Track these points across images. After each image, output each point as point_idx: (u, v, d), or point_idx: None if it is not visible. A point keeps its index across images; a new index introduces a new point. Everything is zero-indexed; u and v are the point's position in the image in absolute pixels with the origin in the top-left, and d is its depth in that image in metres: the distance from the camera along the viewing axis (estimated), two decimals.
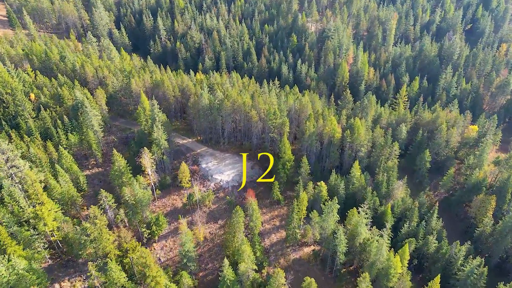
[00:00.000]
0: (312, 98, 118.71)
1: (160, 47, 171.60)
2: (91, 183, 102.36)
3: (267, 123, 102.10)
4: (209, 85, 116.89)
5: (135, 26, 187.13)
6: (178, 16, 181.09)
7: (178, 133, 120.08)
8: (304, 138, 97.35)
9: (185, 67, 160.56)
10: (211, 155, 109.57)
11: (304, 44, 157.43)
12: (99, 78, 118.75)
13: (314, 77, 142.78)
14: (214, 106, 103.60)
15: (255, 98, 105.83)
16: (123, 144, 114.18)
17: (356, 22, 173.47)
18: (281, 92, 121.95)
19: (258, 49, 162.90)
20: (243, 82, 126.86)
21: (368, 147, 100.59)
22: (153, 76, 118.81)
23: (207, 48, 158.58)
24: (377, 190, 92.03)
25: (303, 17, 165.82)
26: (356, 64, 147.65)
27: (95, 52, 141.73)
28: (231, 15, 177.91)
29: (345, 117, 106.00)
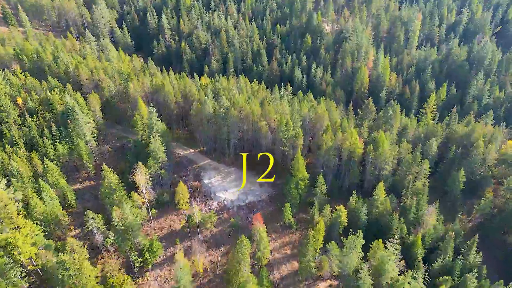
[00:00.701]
0: (328, 106, 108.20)
1: (164, 47, 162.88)
2: (81, 198, 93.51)
3: (278, 134, 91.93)
4: (214, 91, 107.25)
5: (139, 24, 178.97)
6: (184, 14, 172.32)
7: (180, 142, 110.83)
8: (320, 153, 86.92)
9: (190, 70, 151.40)
10: (214, 169, 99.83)
11: (319, 46, 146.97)
12: (95, 81, 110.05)
13: (330, 82, 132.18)
14: (219, 114, 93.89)
15: (265, 106, 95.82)
16: (119, 154, 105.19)
17: (375, 23, 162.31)
18: (294, 99, 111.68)
19: (269, 50, 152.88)
20: (252, 87, 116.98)
21: (393, 164, 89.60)
22: (153, 79, 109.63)
23: (214, 49, 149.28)
24: (404, 216, 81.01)
25: (319, 16, 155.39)
26: (377, 69, 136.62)
27: (94, 52, 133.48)
28: (241, 14, 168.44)
29: (367, 129, 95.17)
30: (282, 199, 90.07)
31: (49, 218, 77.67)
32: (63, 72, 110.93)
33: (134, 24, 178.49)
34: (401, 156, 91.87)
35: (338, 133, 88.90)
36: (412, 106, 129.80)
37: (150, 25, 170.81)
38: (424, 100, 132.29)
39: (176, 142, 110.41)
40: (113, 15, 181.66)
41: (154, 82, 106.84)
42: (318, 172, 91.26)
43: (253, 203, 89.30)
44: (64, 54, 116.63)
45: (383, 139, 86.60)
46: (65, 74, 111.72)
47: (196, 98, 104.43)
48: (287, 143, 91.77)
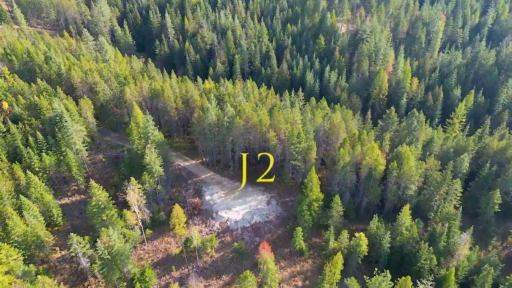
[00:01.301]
0: (345, 115, 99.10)
1: (167, 47, 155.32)
2: (69, 215, 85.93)
3: (288, 147, 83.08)
4: (219, 97, 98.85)
5: (141, 23, 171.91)
6: (189, 13, 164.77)
7: (180, 152, 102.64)
8: (336, 169, 77.86)
9: (194, 72, 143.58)
10: (217, 183, 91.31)
11: (333, 47, 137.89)
12: (89, 84, 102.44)
13: (345, 88, 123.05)
14: (223, 123, 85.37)
15: (274, 114, 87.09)
16: (114, 165, 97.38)
17: (394, 23, 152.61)
18: (306, 106, 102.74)
19: (279, 52, 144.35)
20: (260, 92, 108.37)
21: (419, 183, 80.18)
22: (152, 83, 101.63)
23: (220, 50, 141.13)
24: (433, 244, 71.52)
25: (333, 16, 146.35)
26: (396, 73, 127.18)
27: (91, 52, 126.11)
28: (249, 12, 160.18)
29: (389, 143, 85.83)
30: (292, 220, 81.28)
31: (30, 240, 69.91)
32: (55, 74, 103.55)
33: (136, 23, 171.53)
34: (428, 173, 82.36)
35: (357, 147, 79.80)
36: (435, 115, 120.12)
37: (153, 24, 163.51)
38: (448, 109, 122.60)
39: (176, 152, 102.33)
40: (115, 13, 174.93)
41: (153, 86, 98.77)
42: (333, 191, 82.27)
43: (259, 224, 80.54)
44: (56, 55, 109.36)
45: (408, 155, 77.27)
46: (57, 76, 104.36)
47: (198, 104, 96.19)
48: (298, 157, 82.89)
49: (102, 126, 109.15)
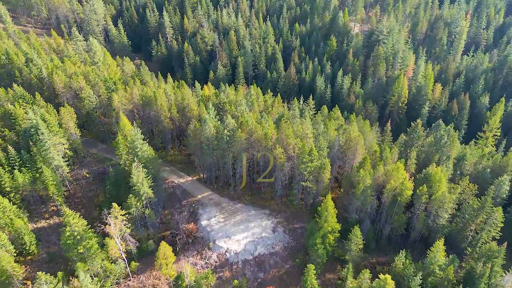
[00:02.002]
0: (361, 126, 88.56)
1: (164, 48, 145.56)
2: (45, 240, 76.46)
3: (298, 165, 72.68)
4: (219, 105, 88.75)
5: (138, 22, 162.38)
6: (189, 11, 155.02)
7: (175, 167, 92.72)
8: (355, 193, 67.36)
9: (193, 75, 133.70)
10: (216, 204, 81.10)
11: (346, 49, 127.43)
12: (73, 89, 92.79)
13: (360, 94, 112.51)
14: (222, 137, 75.17)
15: (281, 127, 76.82)
16: (99, 181, 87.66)
17: (412, 23, 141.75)
18: (317, 116, 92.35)
19: (286, 54, 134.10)
20: (265, 100, 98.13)
21: (452, 209, 69.46)
22: (144, 89, 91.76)
23: (221, 51, 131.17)
24: (470, 286, 60.67)
25: (345, 15, 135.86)
26: (416, 78, 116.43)
27: (79, 54, 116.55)
28: (253, 11, 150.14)
29: (415, 161, 75.13)
30: (302, 252, 70.83)
31: None
32: (35, 78, 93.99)
33: (132, 21, 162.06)
34: (462, 198, 71.59)
35: (379, 167, 69.28)
36: (460, 126, 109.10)
37: (150, 22, 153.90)
38: (475, 119, 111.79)
39: (170, 167, 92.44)
40: (110, 11, 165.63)
41: (145, 92, 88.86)
42: (350, 218, 71.73)
43: (263, 257, 70.15)
44: (39, 56, 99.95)
45: (440, 178, 66.65)
46: (38, 80, 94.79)
47: (195, 114, 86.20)
48: (309, 177, 72.44)
49: (89, 136, 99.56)
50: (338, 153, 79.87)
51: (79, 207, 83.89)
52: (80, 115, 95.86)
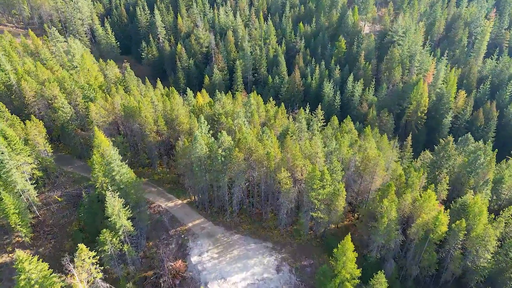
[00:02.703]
0: (378, 141, 77.57)
1: (155, 50, 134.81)
2: (7, 279, 65.39)
3: (308, 192, 61.45)
4: (213, 117, 77.62)
5: (128, 22, 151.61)
6: (183, 9, 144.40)
7: (162, 187, 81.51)
8: (377, 229, 56.06)
9: (187, 80, 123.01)
10: (209, 235, 69.82)
11: (356, 52, 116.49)
12: (46, 98, 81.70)
13: (373, 102, 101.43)
14: (216, 157, 63.94)
15: (286, 144, 65.69)
16: (74, 206, 76.39)
17: (429, 22, 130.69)
18: (326, 129, 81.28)
19: (290, 57, 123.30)
20: (266, 110, 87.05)
21: (495, 248, 58.15)
22: (128, 98, 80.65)
23: (218, 54, 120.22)
24: None
25: (355, 13, 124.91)
26: (436, 84, 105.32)
27: (59, 57, 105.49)
28: (253, 9, 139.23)
29: (447, 187, 63.85)
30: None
31: None
32: (3, 86, 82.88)
33: (121, 21, 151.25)
34: (504, 231, 60.36)
35: (405, 196, 58.02)
36: (487, 138, 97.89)
37: (140, 22, 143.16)
38: (502, 130, 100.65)
39: (156, 187, 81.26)
40: (98, 9, 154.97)
41: (128, 102, 77.71)
42: (370, 256, 60.42)
43: None
44: (9, 60, 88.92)
45: (481, 209, 55.44)
46: (5, 88, 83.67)
47: (185, 128, 75.00)
48: (321, 206, 61.19)
49: (64, 151, 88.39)
50: (354, 175, 68.60)
51: (49, 238, 72.72)
52: (55, 128, 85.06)
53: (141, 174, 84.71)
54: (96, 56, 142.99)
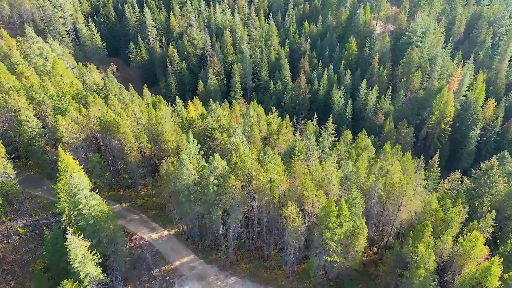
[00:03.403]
0: (402, 161, 66.38)
1: (145, 52, 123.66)
2: None
3: (321, 232, 50.02)
4: (206, 133, 66.31)
5: (116, 21, 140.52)
6: (176, 7, 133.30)
7: (146, 214, 70.48)
8: (409, 281, 44.70)
9: (179, 86, 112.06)
10: (199, 278, 58.52)
11: (368, 54, 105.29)
12: (10, 110, 70.39)
13: (390, 112, 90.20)
14: (208, 186, 52.61)
15: (294, 169, 54.37)
16: (39, 239, 64.98)
17: (447, 21, 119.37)
18: (339, 145, 69.99)
19: (294, 60, 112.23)
20: (268, 122, 75.71)
21: None
22: (106, 111, 69.37)
23: (213, 57, 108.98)
24: None
25: (367, 11, 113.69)
26: (460, 91, 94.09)
27: (32, 60, 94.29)
28: (253, 7, 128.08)
29: (492, 222, 52.41)
30: None
31: None
32: None
33: (109, 20, 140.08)
34: None
35: (445, 239, 46.59)
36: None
37: (129, 21, 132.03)
38: None
39: (139, 215, 70.10)
40: (85, 7, 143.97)
41: (105, 115, 66.41)
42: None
43: None
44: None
45: None
46: None
47: (171, 147, 63.60)
48: (337, 249, 49.78)
49: (33, 171, 77.03)
50: (376, 206, 57.21)
51: (9, 279, 61.46)
52: (22, 144, 73.82)
53: (122, 198, 73.68)
54: (80, 59, 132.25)
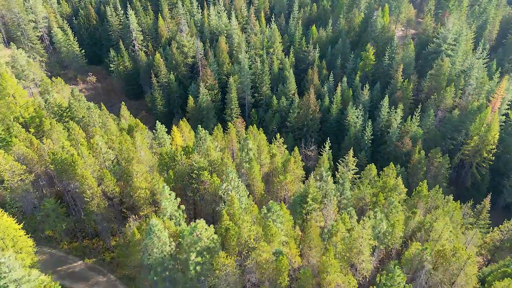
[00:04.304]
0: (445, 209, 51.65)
1: (128, 61, 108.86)
2: None
3: None
4: (190, 174, 51.31)
5: (97, 24, 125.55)
6: (166, 9, 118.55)
7: (115, 274, 55.42)
8: None
9: (167, 101, 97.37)
10: None
11: (387, 65, 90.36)
12: None
13: (418, 136, 75.23)
14: (188, 266, 37.51)
15: (309, 240, 39.26)
16: None
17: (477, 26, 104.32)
18: (363, 187, 55.08)
19: (300, 71, 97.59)
20: (271, 154, 60.62)
21: None
22: (63, 143, 54.35)
23: (206, 67, 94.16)
24: None
25: (385, 15, 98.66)
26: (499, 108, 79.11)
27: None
28: (253, 9, 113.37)
29: None
30: None
31: None
32: None
33: (89, 23, 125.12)
34: None
35: None
36: None
37: (112, 25, 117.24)
38: None
39: (106, 276, 55.60)
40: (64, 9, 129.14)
41: (57, 152, 51.35)
42: None
43: None
44: None
45: None
46: None
47: (143, 196, 48.48)
48: None
49: None
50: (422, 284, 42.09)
51: None
52: None
53: (86, 251, 58.92)
54: (55, 69, 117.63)
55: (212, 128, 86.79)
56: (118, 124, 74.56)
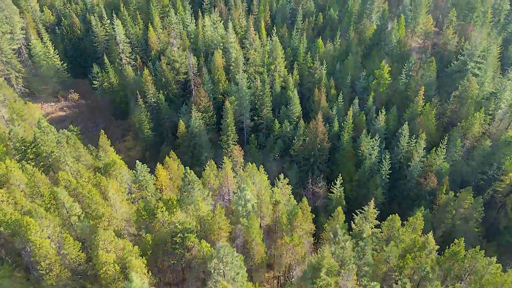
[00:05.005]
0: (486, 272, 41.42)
1: (113, 76, 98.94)
2: None
3: None
4: (174, 239, 41.26)
5: (82, 35, 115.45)
6: (156, 18, 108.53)
7: None
8: None
9: (155, 124, 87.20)
10: None
11: (405, 84, 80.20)
12: None
13: (444, 172, 65.18)
14: None
15: None
16: None
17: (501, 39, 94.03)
18: (387, 250, 44.90)
19: (305, 90, 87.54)
20: (275, 202, 50.39)
21: None
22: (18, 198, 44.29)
23: (200, 86, 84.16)
24: None
25: (401, 25, 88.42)
26: None
27: None
28: (252, 17, 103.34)
29: None
30: None
31: None
32: None
33: (73, 34, 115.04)
34: None
35: None
36: None
37: (97, 35, 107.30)
38: None
39: None
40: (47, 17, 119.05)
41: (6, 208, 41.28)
42: None
43: None
44: None
45: None
46: None
47: (111, 273, 38.28)
48: None
49: None
50: None
51: None
52: None
53: None
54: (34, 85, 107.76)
55: (205, 157, 77.10)
56: (96, 157, 64.59)
